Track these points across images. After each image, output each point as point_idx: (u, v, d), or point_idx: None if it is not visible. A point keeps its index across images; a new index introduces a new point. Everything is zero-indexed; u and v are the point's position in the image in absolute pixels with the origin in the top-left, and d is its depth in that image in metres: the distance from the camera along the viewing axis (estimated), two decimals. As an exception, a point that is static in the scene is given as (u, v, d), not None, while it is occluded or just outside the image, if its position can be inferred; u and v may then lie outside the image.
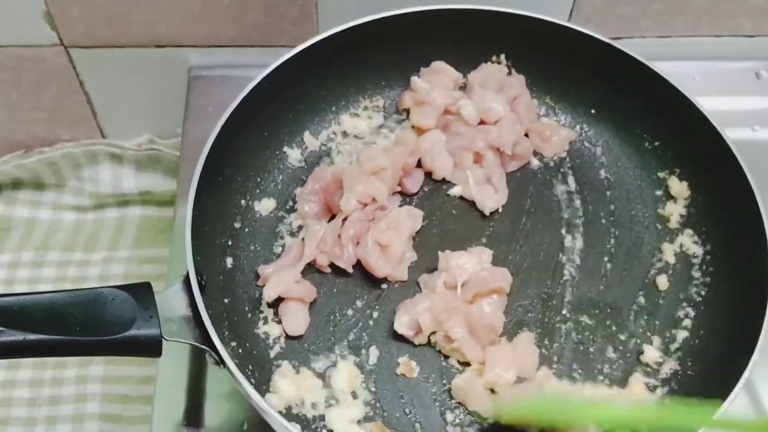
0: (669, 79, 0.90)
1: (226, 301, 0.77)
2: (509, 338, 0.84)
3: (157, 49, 1.10)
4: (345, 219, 0.88)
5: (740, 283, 0.83)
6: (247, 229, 0.90)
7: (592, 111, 0.99)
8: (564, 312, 0.87)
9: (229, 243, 0.88)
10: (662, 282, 0.89)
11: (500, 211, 0.94)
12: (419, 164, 0.96)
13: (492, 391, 0.80)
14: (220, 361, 0.70)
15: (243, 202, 0.91)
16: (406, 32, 0.96)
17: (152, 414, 0.85)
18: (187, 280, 0.72)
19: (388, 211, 0.88)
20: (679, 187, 0.93)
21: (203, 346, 0.70)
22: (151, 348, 0.67)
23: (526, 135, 0.98)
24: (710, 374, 0.80)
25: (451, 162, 0.95)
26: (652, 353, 0.84)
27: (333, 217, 0.90)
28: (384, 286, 0.88)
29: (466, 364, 0.82)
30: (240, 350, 0.79)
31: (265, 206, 0.92)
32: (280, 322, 0.84)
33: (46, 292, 0.66)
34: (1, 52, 1.09)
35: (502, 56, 1.00)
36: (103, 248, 1.26)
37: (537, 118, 1.00)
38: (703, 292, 0.87)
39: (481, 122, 0.96)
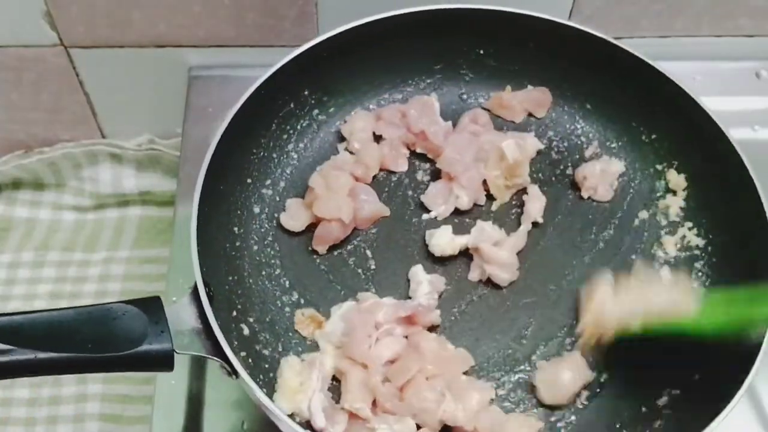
0: (664, 71, 0.91)
1: (234, 312, 0.77)
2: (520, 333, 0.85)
3: (157, 49, 1.10)
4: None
5: (743, 273, 0.83)
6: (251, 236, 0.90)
7: (588, 106, 1.00)
8: (569, 307, 0.87)
9: (234, 252, 0.87)
10: (665, 275, 0.89)
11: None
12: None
13: None
14: (233, 372, 0.70)
15: (246, 209, 0.90)
16: (407, 33, 0.96)
17: (152, 414, 0.86)
18: (195, 292, 0.72)
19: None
20: (677, 179, 0.94)
21: (215, 358, 0.70)
22: (163, 362, 0.67)
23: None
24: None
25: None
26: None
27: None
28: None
29: None
30: (250, 360, 0.79)
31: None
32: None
33: (56, 310, 0.66)
34: (1, 52, 1.09)
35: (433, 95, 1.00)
36: (103, 248, 1.26)
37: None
38: (706, 284, 0.88)
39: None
